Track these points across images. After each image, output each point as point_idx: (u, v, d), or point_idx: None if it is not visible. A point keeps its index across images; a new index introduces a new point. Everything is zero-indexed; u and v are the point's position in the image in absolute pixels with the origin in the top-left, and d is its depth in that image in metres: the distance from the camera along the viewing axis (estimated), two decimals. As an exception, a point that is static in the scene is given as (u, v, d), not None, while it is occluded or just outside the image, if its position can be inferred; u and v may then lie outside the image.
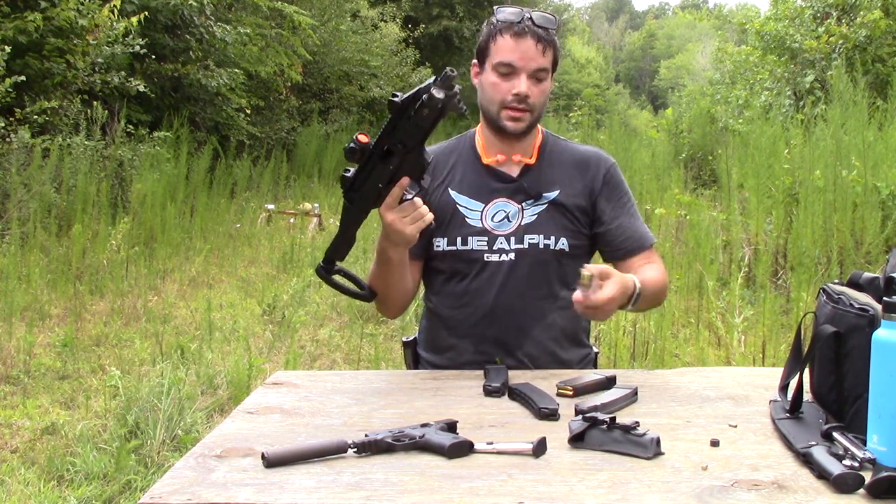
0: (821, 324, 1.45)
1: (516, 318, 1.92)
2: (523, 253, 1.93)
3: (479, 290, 1.94)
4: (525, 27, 1.87)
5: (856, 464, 1.21)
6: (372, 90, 16.18)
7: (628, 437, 1.32)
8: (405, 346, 2.13)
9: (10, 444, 3.41)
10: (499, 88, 1.90)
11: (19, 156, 6.77)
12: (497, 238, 1.94)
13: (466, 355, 1.94)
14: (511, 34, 1.87)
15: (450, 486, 1.21)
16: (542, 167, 1.99)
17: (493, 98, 1.92)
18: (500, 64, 1.89)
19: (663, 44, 56.34)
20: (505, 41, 1.88)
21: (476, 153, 2.01)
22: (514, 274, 1.93)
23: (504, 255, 1.93)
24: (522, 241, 1.94)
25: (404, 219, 1.71)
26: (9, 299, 4.97)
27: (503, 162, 1.99)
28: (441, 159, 2.03)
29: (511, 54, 1.87)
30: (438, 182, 2.00)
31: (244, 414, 1.57)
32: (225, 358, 4.46)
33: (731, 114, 11.11)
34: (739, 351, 4.21)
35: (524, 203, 1.96)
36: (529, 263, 1.93)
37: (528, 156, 1.99)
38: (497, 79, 1.90)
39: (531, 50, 1.87)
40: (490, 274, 1.93)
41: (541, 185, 1.97)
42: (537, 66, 1.88)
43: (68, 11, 7.60)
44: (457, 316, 1.98)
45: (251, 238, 8.23)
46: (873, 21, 8.99)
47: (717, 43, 18.70)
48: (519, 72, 1.88)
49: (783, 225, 5.90)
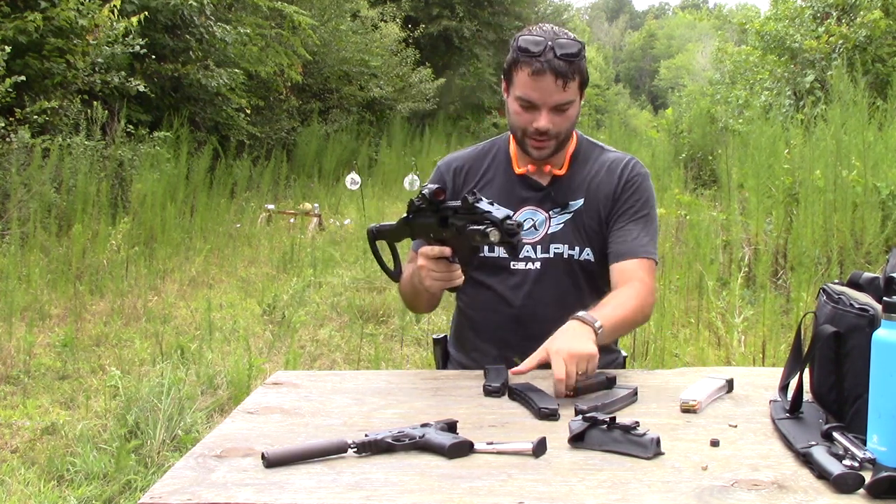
0: (821, 324, 1.45)
1: (541, 325, 1.89)
2: (549, 262, 1.93)
3: (504, 297, 1.94)
4: (544, 64, 1.80)
5: (856, 464, 1.21)
6: (372, 90, 16.18)
7: (628, 437, 1.32)
8: (435, 343, 2.14)
9: (10, 444, 3.41)
10: (521, 119, 1.89)
11: (19, 156, 6.77)
12: (524, 246, 1.91)
13: (490, 358, 1.93)
14: (530, 71, 1.82)
15: (450, 486, 1.21)
16: (573, 176, 1.98)
17: (516, 125, 1.91)
18: (520, 97, 1.86)
19: (663, 44, 56.35)
20: (524, 77, 1.83)
21: (509, 160, 2.01)
22: (540, 282, 1.92)
23: (530, 263, 1.93)
24: (548, 251, 1.93)
25: (433, 272, 1.72)
26: (9, 299, 4.97)
27: (534, 171, 1.98)
28: (475, 165, 2.04)
29: (531, 92, 1.84)
30: (470, 186, 2.00)
31: (244, 414, 1.57)
32: (225, 358, 4.46)
33: (731, 114, 11.11)
34: (739, 351, 4.21)
35: (552, 211, 1.95)
36: (555, 273, 1.93)
37: (558, 167, 1.98)
38: (519, 109, 1.88)
39: (550, 87, 1.82)
40: (516, 281, 1.93)
41: (568, 193, 1.96)
42: (557, 101, 1.85)
43: (68, 11, 7.60)
44: (483, 320, 1.99)
45: (251, 238, 8.22)
46: (873, 21, 8.99)
47: (717, 43, 18.70)
48: (540, 108, 1.85)
49: (783, 225, 5.90)
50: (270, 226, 8.79)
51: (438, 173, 2.07)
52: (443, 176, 2.05)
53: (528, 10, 24.33)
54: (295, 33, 12.67)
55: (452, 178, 2.03)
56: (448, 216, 1.68)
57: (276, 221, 8.96)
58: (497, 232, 1.58)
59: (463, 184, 2.01)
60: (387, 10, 18.11)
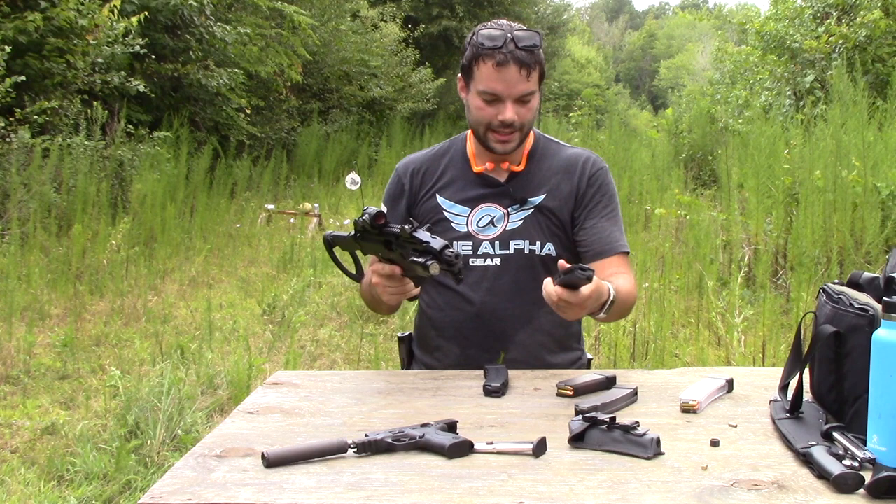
0: (821, 324, 1.45)
1: (502, 322, 1.92)
2: (509, 258, 1.93)
3: (464, 295, 1.94)
4: (507, 55, 1.82)
5: (856, 464, 1.21)
6: (372, 90, 16.17)
7: (628, 437, 1.32)
8: (400, 341, 2.14)
9: (10, 444, 3.41)
10: (484, 113, 1.89)
11: (19, 156, 6.77)
12: (482, 243, 1.94)
13: (453, 357, 1.95)
14: (494, 63, 1.83)
15: (450, 486, 1.21)
16: (531, 172, 1.99)
17: (479, 121, 1.91)
18: (484, 91, 1.87)
19: (663, 44, 56.33)
20: (488, 69, 1.84)
21: (467, 160, 2.02)
22: (500, 279, 1.93)
23: (489, 259, 1.94)
24: (508, 247, 1.94)
25: (387, 287, 1.73)
26: (9, 299, 4.97)
27: (492, 169, 1.99)
28: (432, 165, 2.04)
29: (495, 83, 1.85)
30: (428, 187, 2.01)
31: (244, 414, 1.57)
32: (225, 358, 4.46)
33: (731, 114, 11.11)
34: (739, 351, 4.21)
35: (510, 208, 1.96)
36: (515, 268, 1.93)
37: (516, 163, 1.99)
38: (482, 104, 1.89)
39: (514, 77, 1.84)
40: (475, 278, 1.93)
41: (527, 189, 1.97)
42: (521, 92, 1.86)
43: (68, 11, 7.60)
44: (444, 318, 1.98)
45: (251, 238, 8.22)
46: (873, 21, 8.98)
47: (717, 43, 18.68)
48: (504, 99, 1.86)
49: (783, 225, 5.90)
50: (270, 226, 8.79)
51: (396, 176, 2.07)
52: (400, 178, 2.05)
53: (528, 10, 24.31)
54: (295, 33, 12.67)
55: (410, 179, 2.04)
56: (391, 241, 1.68)
57: (276, 221, 8.96)
58: (437, 265, 1.60)
59: (421, 185, 2.02)
60: (387, 10, 18.10)
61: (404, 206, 2.03)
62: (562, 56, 32.05)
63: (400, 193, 2.04)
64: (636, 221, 7.98)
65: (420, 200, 2.01)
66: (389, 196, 2.07)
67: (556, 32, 28.34)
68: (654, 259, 5.99)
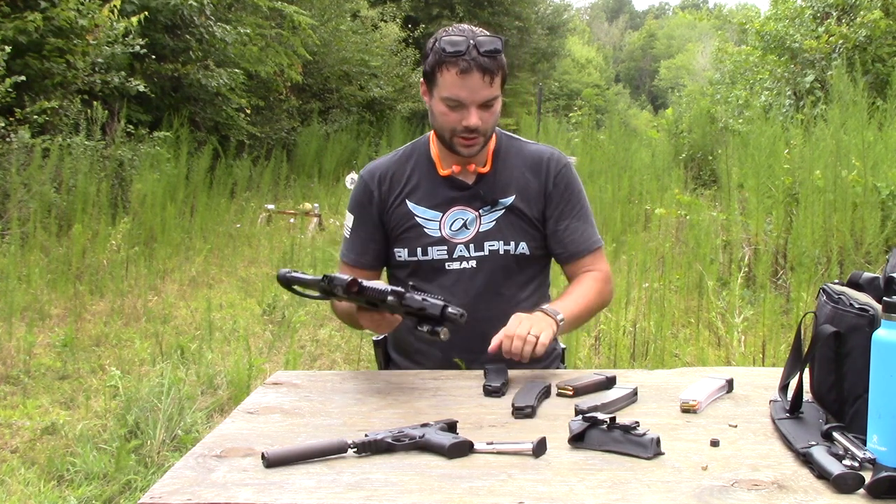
0: (821, 324, 1.45)
1: (481, 324, 1.90)
2: (484, 260, 1.95)
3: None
4: (470, 62, 1.83)
5: (856, 464, 1.21)
6: (372, 90, 16.18)
7: (628, 437, 1.32)
8: (376, 345, 2.14)
9: (10, 444, 3.41)
10: (448, 119, 1.90)
11: (19, 156, 6.77)
12: (456, 246, 1.95)
13: (435, 360, 1.96)
14: (457, 71, 1.84)
15: (450, 486, 1.21)
16: (497, 173, 2.00)
17: (443, 126, 1.92)
18: (448, 98, 1.87)
19: (663, 44, 56.34)
20: (451, 76, 1.85)
21: (432, 162, 2.02)
22: (477, 281, 1.95)
23: (465, 262, 1.95)
24: (482, 248, 1.95)
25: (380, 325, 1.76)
26: (9, 299, 4.97)
27: (458, 172, 2.00)
28: (398, 169, 2.04)
29: (458, 91, 1.85)
30: (396, 193, 2.01)
31: (244, 414, 1.57)
32: (225, 358, 4.46)
33: (731, 114, 11.11)
34: (739, 351, 4.21)
35: (481, 210, 1.97)
36: (490, 270, 1.95)
37: (481, 164, 2.00)
38: (446, 110, 1.89)
39: (478, 84, 1.85)
40: (452, 282, 1.95)
41: (496, 191, 1.98)
42: (485, 98, 1.87)
43: (68, 11, 7.60)
44: None
45: (251, 238, 8.22)
46: (873, 21, 8.99)
47: (717, 43, 18.69)
48: (468, 105, 1.87)
49: (783, 225, 5.90)
50: (270, 226, 8.79)
51: (362, 183, 2.06)
52: (367, 185, 2.04)
53: (527, 10, 24.33)
54: (295, 33, 12.67)
55: (378, 185, 2.03)
56: (376, 303, 1.67)
57: (276, 221, 8.96)
58: (446, 329, 1.61)
59: (389, 191, 2.02)
60: (387, 10, 18.11)
61: (375, 212, 2.02)
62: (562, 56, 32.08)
63: (368, 201, 2.03)
64: (636, 221, 7.98)
65: (390, 207, 2.01)
66: (357, 203, 2.05)
67: (556, 32, 28.37)
68: (654, 259, 5.99)
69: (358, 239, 2.05)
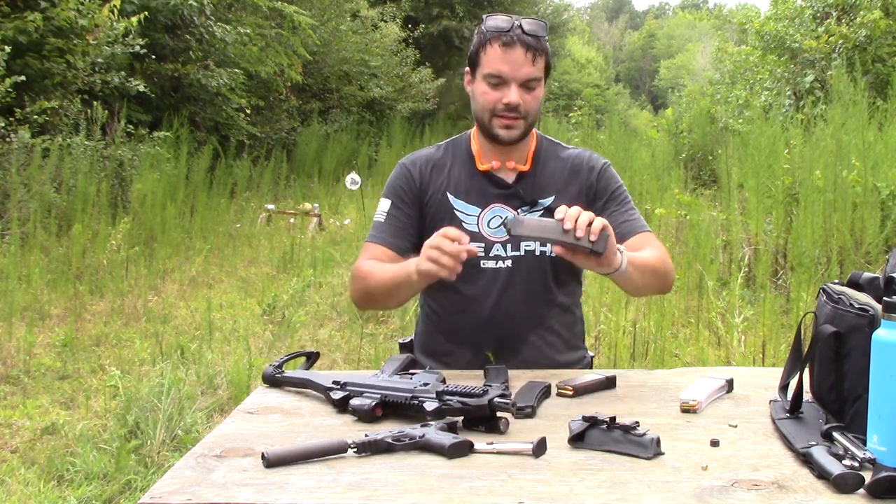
0: (821, 324, 1.45)
1: (514, 324, 1.92)
2: (519, 260, 1.93)
3: (476, 298, 1.93)
4: (514, 36, 1.85)
5: (856, 464, 1.21)
6: (372, 90, 16.18)
7: (628, 437, 1.32)
8: (402, 347, 2.12)
9: (10, 444, 3.41)
10: (489, 98, 1.89)
11: (19, 156, 6.76)
12: (494, 245, 1.93)
13: (464, 362, 1.94)
14: (500, 44, 1.85)
15: (450, 486, 1.21)
16: (537, 173, 1.99)
17: (484, 107, 1.91)
18: (489, 75, 1.87)
19: (663, 44, 56.32)
20: (494, 51, 1.86)
21: (472, 158, 2.00)
22: (512, 281, 1.92)
23: (501, 262, 1.93)
24: (518, 248, 1.93)
25: (431, 251, 1.67)
26: (9, 299, 4.97)
27: (498, 168, 1.98)
28: (439, 160, 2.02)
29: (500, 65, 1.86)
30: (437, 184, 1.99)
31: (244, 414, 1.57)
32: (225, 358, 4.46)
33: (731, 114, 11.11)
34: (739, 351, 4.21)
35: (520, 209, 1.95)
36: (526, 270, 1.93)
37: (522, 162, 1.98)
38: (487, 88, 1.89)
39: (520, 59, 1.85)
40: (487, 281, 1.93)
41: (536, 191, 1.97)
42: (527, 75, 1.87)
43: (68, 11, 7.59)
44: (454, 322, 1.98)
45: (251, 238, 8.22)
46: (873, 21, 8.98)
47: (717, 43, 18.68)
48: (509, 82, 1.86)
49: (783, 225, 5.90)
50: (270, 226, 8.79)
51: (404, 169, 2.03)
52: (409, 172, 2.02)
53: (528, 10, 24.31)
54: (295, 33, 12.67)
55: (419, 174, 2.01)
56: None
57: (276, 221, 8.96)
58: (505, 420, 1.44)
59: (430, 181, 2.00)
60: (387, 10, 18.10)
61: (415, 199, 1.99)
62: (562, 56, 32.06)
63: (409, 187, 2.00)
64: (636, 221, 7.95)
65: (430, 198, 1.98)
66: (396, 189, 2.01)
67: (556, 32, 28.33)
68: (654, 259, 5.97)
69: (395, 222, 1.98)
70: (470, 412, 1.42)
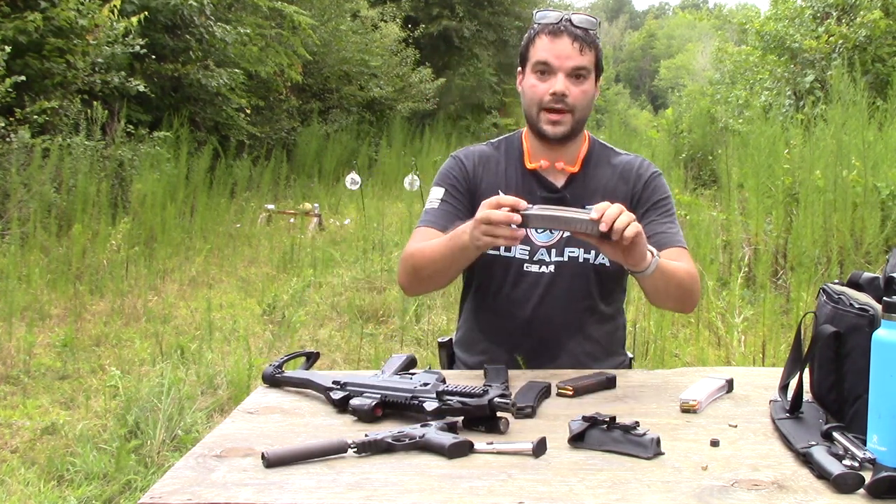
0: (821, 324, 1.45)
1: (553, 330, 1.90)
2: (563, 266, 1.90)
3: (518, 301, 1.91)
4: (561, 27, 1.85)
5: (856, 464, 1.21)
6: (372, 90, 16.18)
7: (628, 437, 1.32)
8: (440, 346, 2.11)
9: (10, 444, 3.41)
10: (537, 90, 1.87)
11: (19, 156, 6.76)
12: (538, 249, 1.91)
13: (500, 362, 1.92)
14: (547, 33, 1.86)
15: (450, 486, 1.21)
16: (587, 177, 1.96)
17: (532, 100, 1.89)
18: (537, 63, 1.87)
19: (663, 44, 56.35)
20: (542, 43, 1.86)
21: (522, 155, 1.98)
22: (554, 287, 1.90)
23: (544, 266, 1.91)
24: (563, 254, 1.91)
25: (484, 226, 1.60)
26: (9, 299, 4.97)
27: (547, 168, 1.95)
28: (492, 156, 2.01)
29: (547, 53, 1.85)
30: (489, 179, 1.97)
31: (244, 414, 1.57)
32: (225, 358, 4.45)
33: (731, 114, 11.11)
34: (739, 351, 4.21)
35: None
36: (569, 276, 1.90)
37: (571, 164, 1.95)
38: (535, 80, 1.87)
39: (567, 48, 1.84)
40: (529, 285, 1.91)
41: (584, 195, 1.92)
42: (574, 64, 1.85)
43: (68, 11, 7.59)
44: (494, 323, 1.96)
45: (251, 238, 8.22)
46: (873, 21, 8.98)
47: (717, 43, 18.68)
48: (556, 71, 1.85)
49: (783, 225, 5.90)
50: (270, 226, 8.79)
51: (458, 161, 2.01)
52: (463, 163, 1.99)
53: (528, 10, 24.30)
54: (295, 33, 12.67)
55: (473, 167, 1.99)
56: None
57: (276, 221, 8.96)
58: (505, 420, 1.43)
59: (483, 176, 1.98)
60: (387, 10, 18.10)
61: (468, 190, 1.97)
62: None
63: (463, 178, 1.97)
64: (636, 221, 7.95)
65: (482, 193, 1.93)
66: (450, 178, 1.98)
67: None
68: (654, 259, 5.97)
69: (447, 208, 1.95)
70: (470, 412, 1.42)
